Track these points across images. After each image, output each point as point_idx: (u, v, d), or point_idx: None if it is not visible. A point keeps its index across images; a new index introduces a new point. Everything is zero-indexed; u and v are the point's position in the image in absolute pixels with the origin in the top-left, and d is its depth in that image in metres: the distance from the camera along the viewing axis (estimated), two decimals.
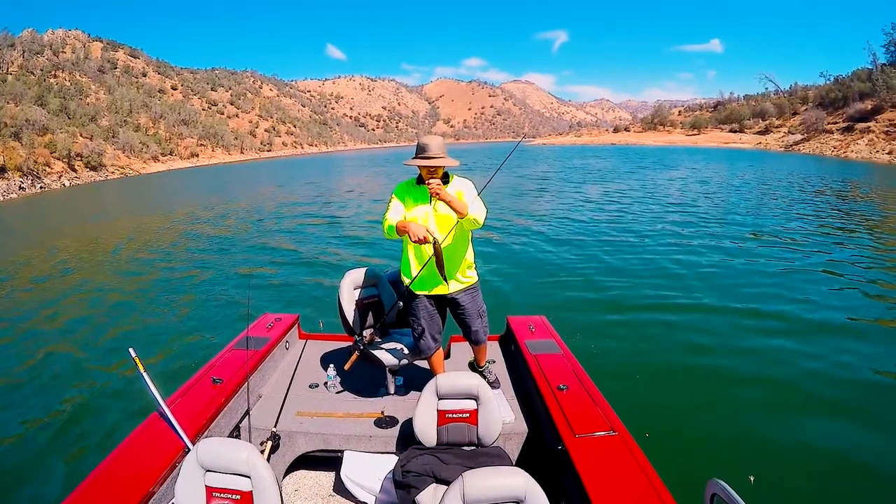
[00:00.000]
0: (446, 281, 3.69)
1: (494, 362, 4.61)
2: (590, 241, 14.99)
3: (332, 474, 3.94)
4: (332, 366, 4.47)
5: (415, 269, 3.82)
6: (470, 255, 3.95)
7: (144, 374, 3.19)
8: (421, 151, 3.62)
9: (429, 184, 3.50)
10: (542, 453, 3.51)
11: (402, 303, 4.23)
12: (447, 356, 4.84)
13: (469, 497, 2.18)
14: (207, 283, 11.86)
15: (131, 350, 3.23)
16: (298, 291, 10.81)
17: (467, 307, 3.97)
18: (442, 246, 3.55)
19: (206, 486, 2.45)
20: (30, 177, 57.84)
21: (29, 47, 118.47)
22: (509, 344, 4.98)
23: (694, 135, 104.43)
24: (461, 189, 3.74)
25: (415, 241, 3.44)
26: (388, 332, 4.54)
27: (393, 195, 3.85)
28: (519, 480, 2.23)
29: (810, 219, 18.59)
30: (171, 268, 13.85)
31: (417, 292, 3.92)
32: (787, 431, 5.44)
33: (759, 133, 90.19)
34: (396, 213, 3.74)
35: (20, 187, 54.25)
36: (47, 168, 64.07)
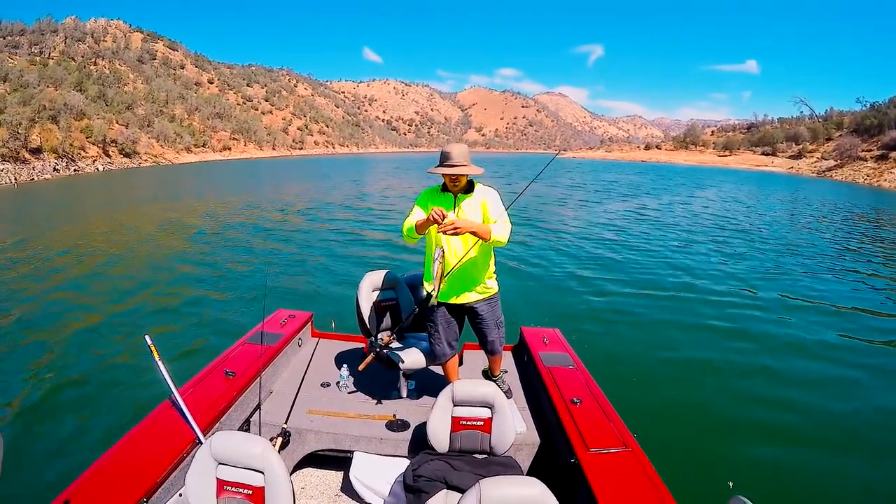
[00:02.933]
0: (437, 289, 3.64)
1: (507, 372, 4.60)
2: (610, 255, 14.83)
3: (340, 474, 3.94)
4: (345, 366, 4.49)
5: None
6: (491, 266, 3.95)
7: (159, 363, 3.22)
8: (444, 159, 3.61)
9: (443, 228, 3.39)
10: (554, 466, 3.51)
11: (418, 308, 4.31)
12: (460, 363, 4.77)
13: None
14: (224, 274, 12.00)
15: (147, 337, 3.26)
16: (313, 289, 10.79)
17: (485, 317, 3.96)
18: (466, 257, 3.65)
19: (217, 478, 2.46)
20: (64, 159, 58.79)
21: (71, 34, 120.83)
22: (522, 355, 4.94)
23: (725, 156, 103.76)
24: (485, 199, 3.73)
25: (434, 222, 3.44)
26: (404, 335, 4.53)
27: (415, 203, 3.86)
28: (535, 490, 2.22)
29: (842, 245, 18.49)
30: (190, 257, 13.97)
31: (436, 299, 3.88)
32: (809, 451, 5.41)
33: (792, 157, 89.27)
34: (415, 217, 3.76)
35: (54, 168, 55.14)
36: (82, 152, 65.08)
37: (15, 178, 46.88)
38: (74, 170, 58.79)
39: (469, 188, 3.75)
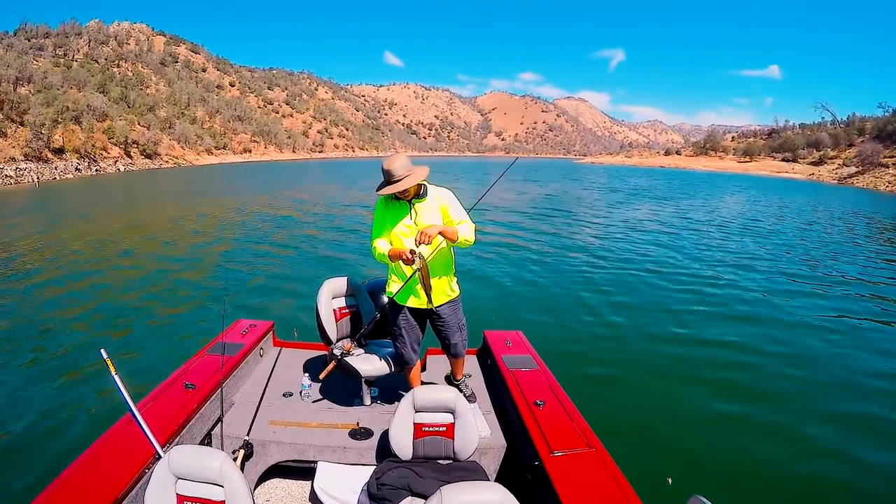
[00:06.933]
0: (431, 301, 3.69)
1: (471, 376, 4.57)
2: (576, 258, 14.95)
3: (304, 484, 3.87)
4: (306, 375, 4.42)
5: (398, 280, 3.83)
6: (452, 268, 3.93)
7: (115, 377, 3.05)
8: (388, 178, 3.58)
9: (421, 240, 3.39)
10: (519, 469, 3.50)
11: (379, 314, 4.26)
12: (423, 369, 4.75)
13: None
14: (185, 283, 11.71)
15: (103, 351, 3.07)
16: (274, 297, 10.56)
17: (448, 320, 3.93)
18: (427, 260, 3.57)
19: (176, 494, 2.42)
20: (86, 159, 60.00)
21: (95, 37, 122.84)
22: (486, 358, 4.92)
23: (745, 161, 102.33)
24: (441, 202, 3.74)
25: (406, 263, 3.53)
26: (365, 342, 4.49)
27: (374, 217, 3.87)
28: (497, 496, 2.21)
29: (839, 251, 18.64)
30: (152, 262, 13.69)
31: (399, 303, 3.88)
32: (773, 448, 5.43)
33: (813, 164, 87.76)
34: (382, 240, 3.77)
35: (76, 168, 56.22)
36: (104, 152, 66.27)
37: (37, 177, 47.78)
38: (96, 170, 59.98)
39: (422, 192, 3.74)
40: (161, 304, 9.94)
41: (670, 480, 3.82)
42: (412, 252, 3.46)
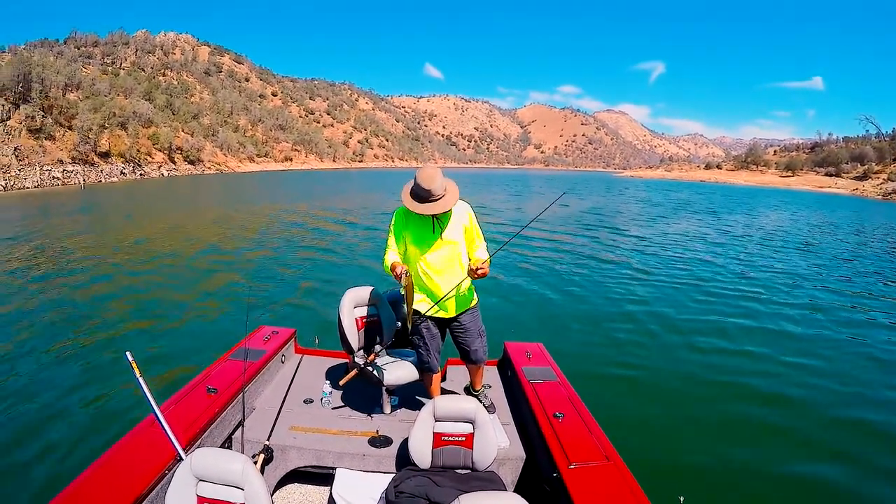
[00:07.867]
0: (407, 315, 3.79)
1: (490, 387, 4.62)
2: (609, 270, 14.49)
3: (323, 490, 3.90)
4: (327, 382, 4.47)
5: (419, 290, 3.87)
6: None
7: (140, 379, 3.11)
8: (426, 195, 3.53)
9: (476, 277, 3.58)
10: (537, 480, 3.51)
11: (401, 323, 4.34)
12: (443, 379, 4.77)
13: None
14: (212, 287, 11.78)
15: (128, 353, 3.15)
16: (297, 305, 10.52)
17: (469, 327, 3.99)
18: (447, 271, 3.74)
19: (197, 495, 2.46)
20: (131, 164, 61.67)
21: (142, 46, 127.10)
22: (506, 369, 4.94)
23: (787, 176, 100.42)
24: (465, 218, 3.79)
25: (396, 279, 3.60)
26: (387, 351, 4.47)
27: (391, 228, 3.88)
28: None
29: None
30: (184, 265, 13.87)
31: (421, 313, 3.91)
32: (803, 476, 5.23)
33: (857, 178, 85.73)
34: (393, 252, 3.85)
35: (121, 172, 57.87)
36: (148, 157, 67.99)
37: (84, 180, 49.37)
38: (140, 174, 61.62)
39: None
40: (187, 308, 10.04)
41: (682, 499, 3.80)
42: (401, 268, 3.56)
